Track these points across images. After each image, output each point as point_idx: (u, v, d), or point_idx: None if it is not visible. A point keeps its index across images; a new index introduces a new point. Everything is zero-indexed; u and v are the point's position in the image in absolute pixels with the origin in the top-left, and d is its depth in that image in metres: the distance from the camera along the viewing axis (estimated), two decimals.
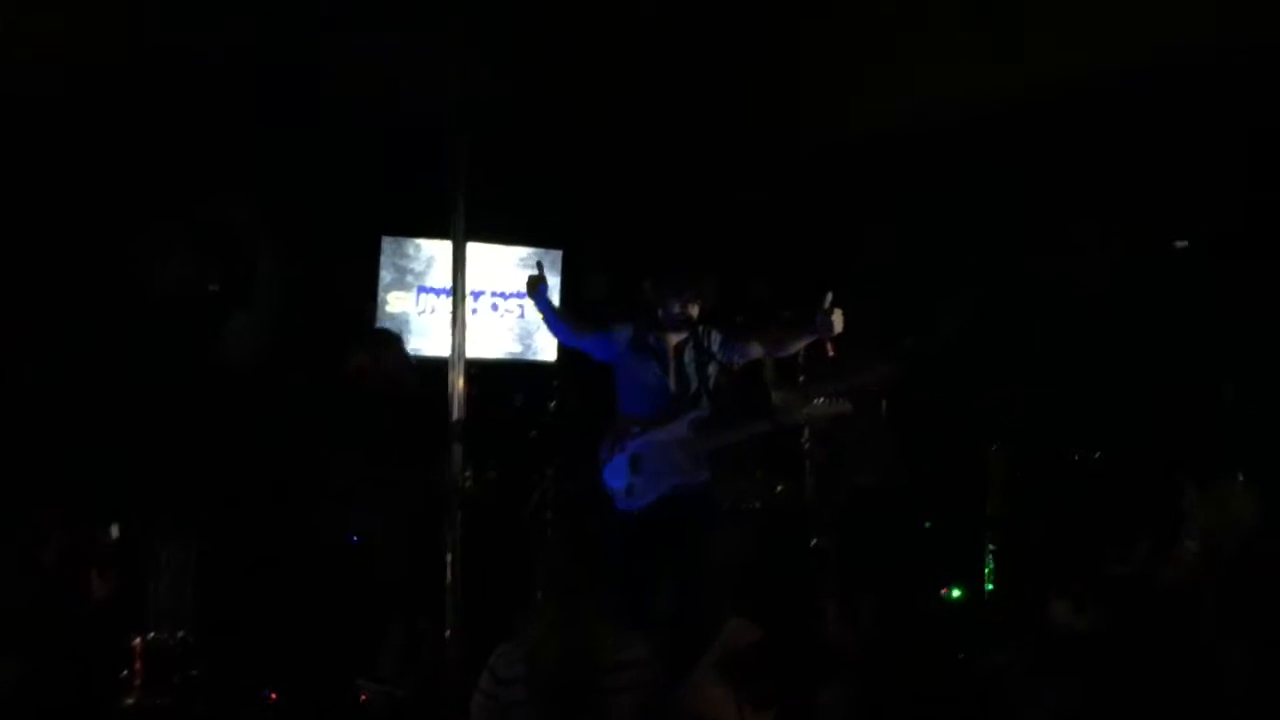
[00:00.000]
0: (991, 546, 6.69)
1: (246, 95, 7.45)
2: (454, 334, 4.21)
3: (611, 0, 7.47)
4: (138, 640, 5.40)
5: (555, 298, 8.58)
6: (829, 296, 5.82)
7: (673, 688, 3.77)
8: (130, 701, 5.36)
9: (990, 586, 6.70)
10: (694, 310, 5.98)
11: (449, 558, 3.88)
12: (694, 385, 6.00)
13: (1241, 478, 4.73)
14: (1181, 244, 6.77)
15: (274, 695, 5.52)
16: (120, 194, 7.31)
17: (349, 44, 7.65)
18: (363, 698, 5.51)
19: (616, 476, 5.96)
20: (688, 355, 6.02)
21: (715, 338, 6.05)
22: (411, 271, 8.21)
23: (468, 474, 6.06)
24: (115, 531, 5.83)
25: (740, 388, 6.10)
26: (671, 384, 6.01)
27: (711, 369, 6.00)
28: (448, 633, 3.75)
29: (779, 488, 6.98)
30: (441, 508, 4.02)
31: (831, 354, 5.81)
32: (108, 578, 5.72)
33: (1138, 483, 6.29)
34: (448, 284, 5.47)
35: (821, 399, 5.88)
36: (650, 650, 3.71)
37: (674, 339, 6.01)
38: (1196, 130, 6.45)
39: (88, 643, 5.48)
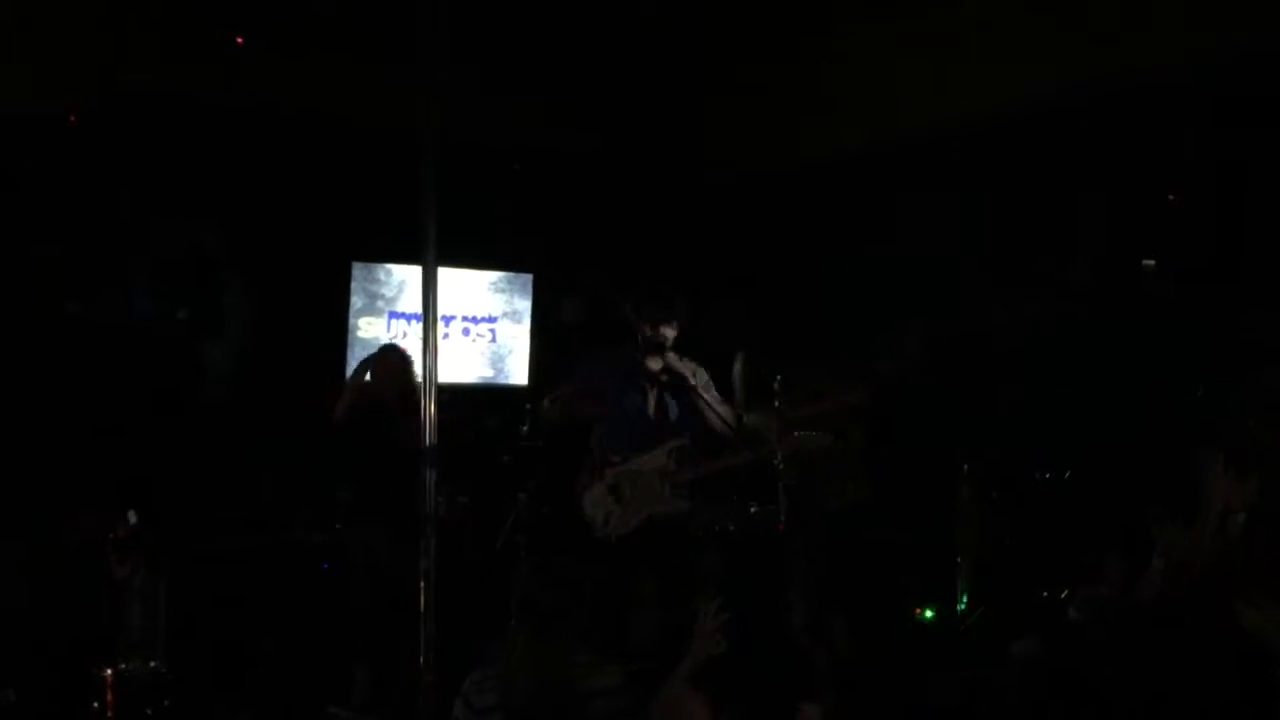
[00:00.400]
0: (963, 566, 6.73)
1: (216, 122, 7.46)
2: (425, 359, 4.21)
3: (580, 25, 7.51)
4: (109, 671, 5.36)
5: (526, 321, 8.66)
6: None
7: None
8: None
9: (962, 607, 6.72)
10: (670, 333, 5.93)
11: (422, 584, 3.86)
12: (674, 414, 5.98)
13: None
14: (1149, 264, 6.82)
15: None
16: (93, 222, 7.31)
17: (318, 69, 7.68)
18: None
19: (596, 505, 5.93)
20: (667, 383, 5.98)
21: (699, 373, 6.01)
22: (382, 297, 8.21)
23: (440, 499, 6.05)
24: (133, 518, 5.87)
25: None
26: (651, 412, 5.98)
27: (690, 398, 5.96)
28: (420, 660, 3.74)
29: (753, 509, 6.99)
30: (416, 533, 4.00)
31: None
32: (127, 560, 5.77)
33: (1106, 503, 6.34)
34: (419, 309, 5.48)
35: (800, 433, 5.86)
36: (624, 678, 3.70)
37: (653, 365, 5.96)
38: (1160, 152, 6.52)
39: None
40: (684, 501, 5.89)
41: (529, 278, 8.73)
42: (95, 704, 5.33)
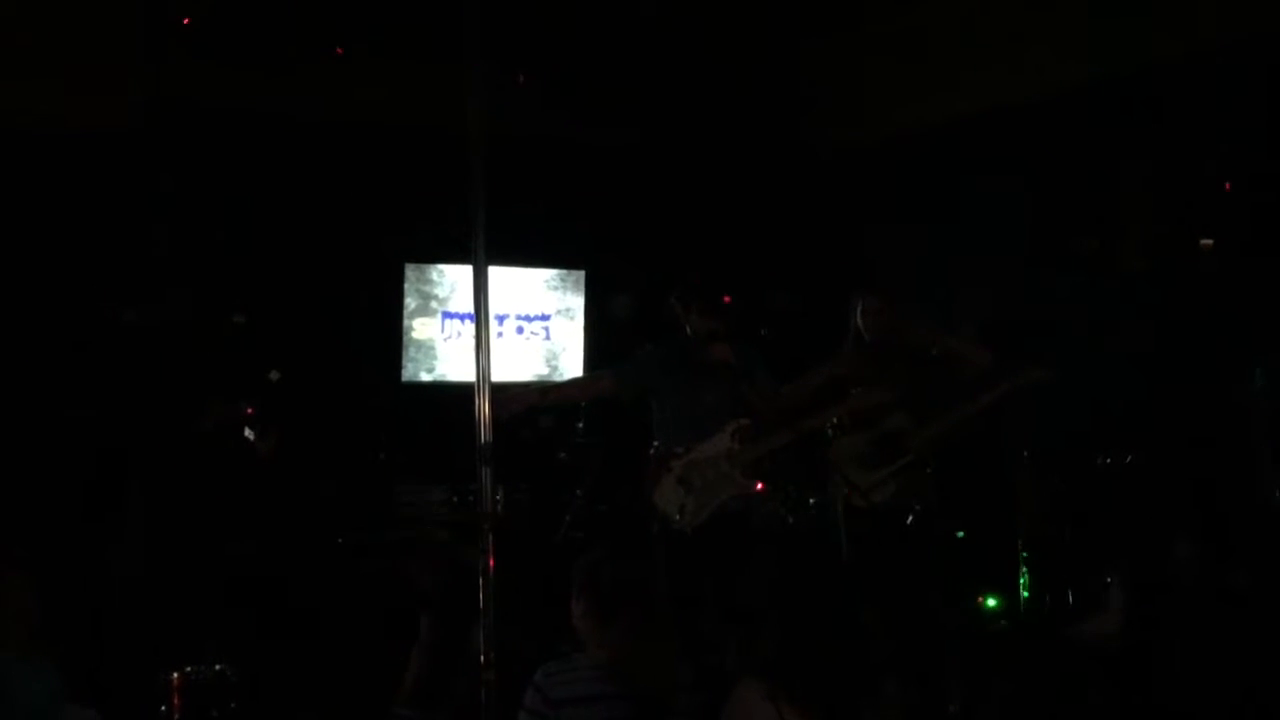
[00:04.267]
0: (1025, 555, 6.65)
1: (266, 130, 7.51)
2: (479, 358, 4.21)
3: (626, 23, 7.51)
4: (175, 675, 5.41)
5: (580, 318, 8.65)
6: None
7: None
8: None
9: (1025, 595, 6.66)
10: (714, 323, 5.90)
11: (480, 581, 3.85)
12: (729, 401, 5.94)
13: None
14: (1207, 243, 6.72)
15: None
16: (141, 232, 7.39)
17: (365, 72, 7.72)
18: None
19: (667, 499, 5.88)
20: (721, 369, 5.94)
21: (755, 357, 5.99)
22: (435, 297, 8.24)
23: (498, 497, 6.06)
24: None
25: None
26: (708, 401, 5.95)
27: (745, 384, 5.91)
28: (482, 657, 3.74)
29: (811, 501, 6.96)
30: (472, 531, 4.00)
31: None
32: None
33: (1170, 486, 6.27)
34: (472, 308, 5.48)
35: (857, 390, 5.84)
36: (696, 676, 3.67)
37: (706, 354, 5.93)
38: (1213, 129, 6.43)
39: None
40: (756, 482, 5.83)
41: (581, 274, 8.73)
42: (163, 707, 5.38)
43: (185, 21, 7.07)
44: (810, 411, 5.92)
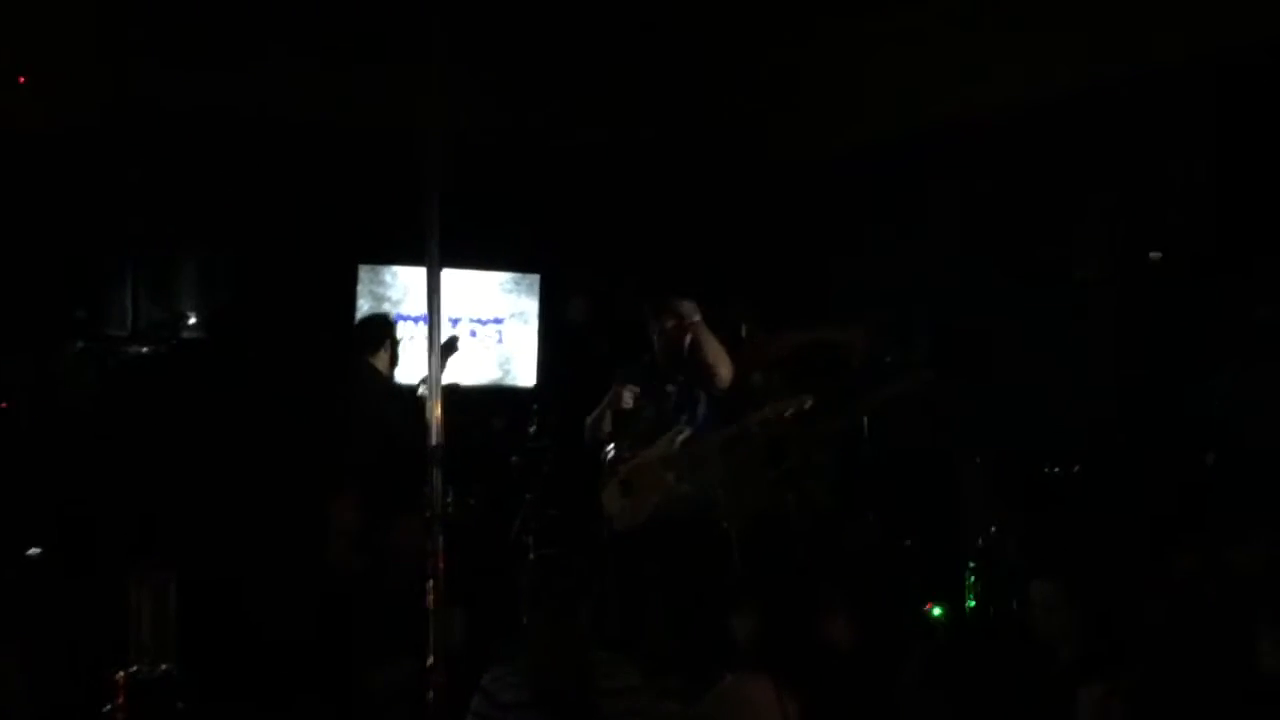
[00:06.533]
0: (972, 564, 6.70)
1: (221, 128, 7.49)
2: (431, 360, 4.22)
3: (587, 26, 7.53)
4: (120, 674, 5.36)
5: (534, 321, 8.66)
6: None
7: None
8: None
9: (971, 603, 6.70)
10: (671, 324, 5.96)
11: (430, 584, 3.86)
12: (691, 409, 5.99)
13: None
14: (1156, 255, 6.81)
15: None
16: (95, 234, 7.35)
17: (323, 72, 7.70)
18: None
19: (610, 501, 5.97)
20: (682, 381, 6.00)
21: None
22: (388, 299, 8.22)
23: (449, 500, 6.05)
24: None
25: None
26: (666, 408, 6.01)
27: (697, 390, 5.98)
28: (429, 660, 3.75)
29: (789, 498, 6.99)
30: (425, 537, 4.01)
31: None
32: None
33: (1118, 496, 6.34)
34: (425, 311, 5.49)
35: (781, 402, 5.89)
36: (642, 678, 3.69)
37: (665, 362, 5.99)
38: (1168, 142, 6.51)
39: None
40: (690, 486, 5.87)
41: (536, 278, 8.73)
42: (107, 707, 5.33)
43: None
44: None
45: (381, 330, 6.91)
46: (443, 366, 6.96)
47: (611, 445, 6.09)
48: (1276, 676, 3.67)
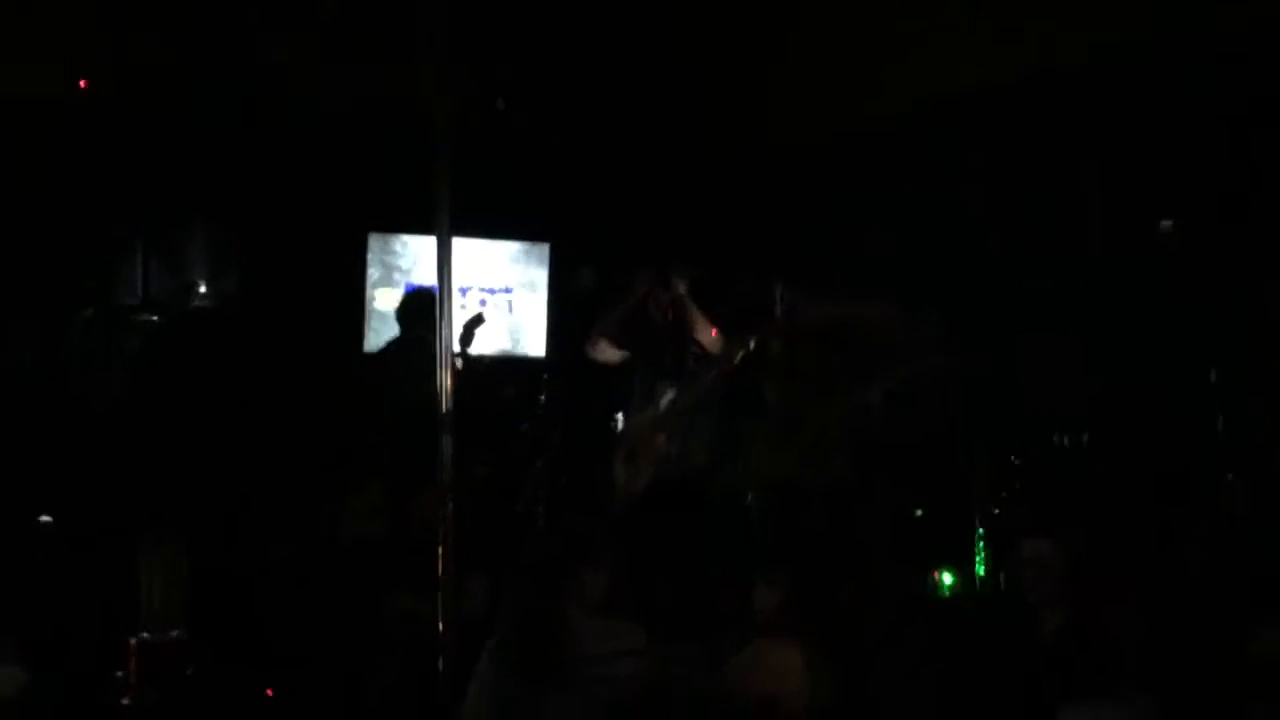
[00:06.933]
0: (981, 531, 6.73)
1: (232, 94, 7.48)
2: (440, 329, 4.24)
3: (597, 10, 7.51)
4: (132, 640, 5.41)
5: (544, 291, 8.67)
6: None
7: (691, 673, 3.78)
8: (126, 702, 5.37)
9: (981, 571, 6.73)
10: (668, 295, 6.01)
11: (440, 550, 3.89)
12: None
13: None
14: (1167, 224, 6.77)
15: (270, 692, 5.53)
16: (106, 202, 7.36)
17: (332, 40, 7.69)
18: None
19: (617, 473, 6.07)
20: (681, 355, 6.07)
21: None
22: (399, 268, 8.23)
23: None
24: None
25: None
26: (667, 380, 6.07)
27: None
28: (440, 625, 3.78)
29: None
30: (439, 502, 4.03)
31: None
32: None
33: (1125, 467, 6.35)
34: (435, 280, 5.50)
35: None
36: (648, 640, 3.73)
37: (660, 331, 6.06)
38: (1174, 118, 6.48)
39: None
40: (681, 450, 5.92)
41: (546, 248, 8.72)
42: (119, 673, 5.39)
43: None
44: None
45: (431, 305, 6.93)
46: (470, 339, 7.09)
47: (620, 415, 6.14)
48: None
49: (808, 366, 5.96)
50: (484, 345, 8.39)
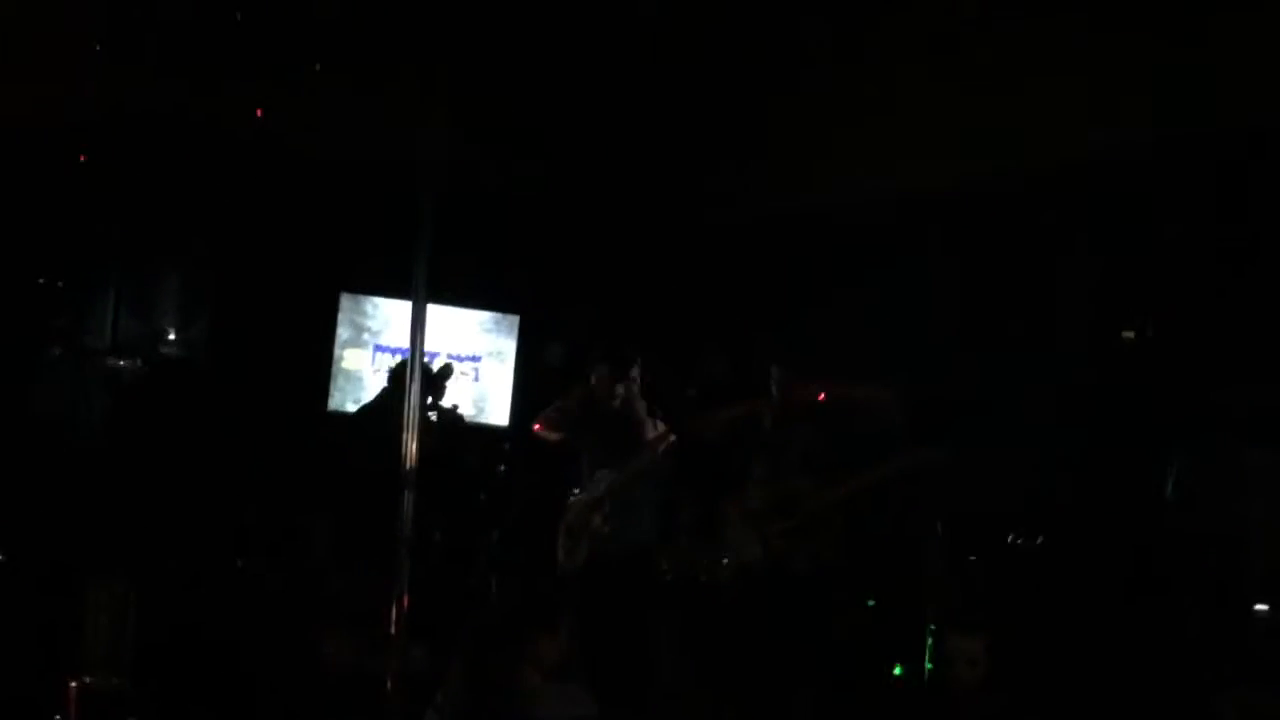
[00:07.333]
0: (932, 626, 6.73)
1: (213, 148, 7.52)
2: (410, 390, 4.26)
3: (572, 75, 7.59)
4: (73, 684, 5.33)
5: (511, 361, 8.71)
6: None
7: None
8: None
9: (930, 666, 6.72)
10: (619, 388, 6.12)
11: (393, 610, 3.88)
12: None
13: None
14: (1129, 335, 6.88)
15: None
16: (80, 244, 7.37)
17: (317, 102, 7.74)
18: None
19: (561, 545, 6.15)
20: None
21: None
22: (368, 329, 8.25)
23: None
24: None
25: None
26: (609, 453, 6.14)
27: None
28: (388, 683, 3.77)
29: (724, 561, 7.00)
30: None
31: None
32: None
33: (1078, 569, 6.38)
34: (404, 343, 5.53)
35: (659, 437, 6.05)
36: (593, 705, 3.75)
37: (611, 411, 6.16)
38: (1138, 223, 6.60)
39: None
40: (613, 527, 5.95)
41: (515, 319, 8.78)
42: (57, 717, 5.31)
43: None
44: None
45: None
46: (442, 392, 7.17)
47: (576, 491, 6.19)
48: None
49: (806, 446, 6.01)
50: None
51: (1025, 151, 6.88)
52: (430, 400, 7.09)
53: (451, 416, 7.48)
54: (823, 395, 6.04)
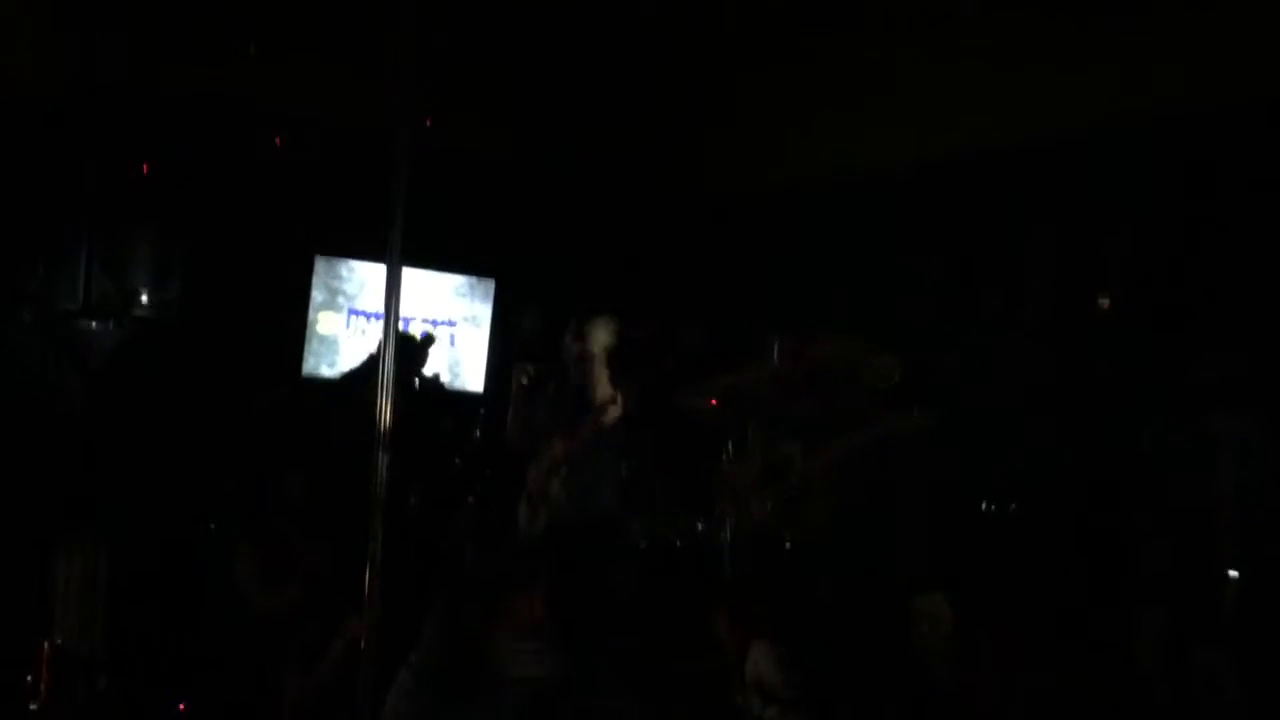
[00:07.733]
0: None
1: (186, 114, 7.47)
2: (383, 356, 4.24)
3: (551, 37, 7.57)
4: (45, 645, 5.32)
5: (486, 326, 8.69)
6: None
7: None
8: (34, 708, 5.28)
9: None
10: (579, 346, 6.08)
11: (368, 573, 3.88)
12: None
13: None
14: (1104, 302, 6.90)
15: (183, 706, 5.46)
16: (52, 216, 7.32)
17: (291, 64, 7.71)
18: None
19: (522, 511, 6.09)
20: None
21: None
22: (344, 293, 8.22)
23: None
24: None
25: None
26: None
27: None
28: (362, 644, 3.78)
29: (699, 525, 7.03)
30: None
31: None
32: None
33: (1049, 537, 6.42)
34: (379, 308, 5.51)
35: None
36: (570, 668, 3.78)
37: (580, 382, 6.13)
38: (1114, 194, 6.63)
39: None
40: (568, 495, 5.95)
41: (491, 283, 8.76)
42: (29, 677, 5.30)
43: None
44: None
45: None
46: (424, 360, 7.17)
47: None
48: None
49: (800, 409, 6.00)
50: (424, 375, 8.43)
51: (1003, 123, 6.92)
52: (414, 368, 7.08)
53: (434, 384, 7.48)
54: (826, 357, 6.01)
